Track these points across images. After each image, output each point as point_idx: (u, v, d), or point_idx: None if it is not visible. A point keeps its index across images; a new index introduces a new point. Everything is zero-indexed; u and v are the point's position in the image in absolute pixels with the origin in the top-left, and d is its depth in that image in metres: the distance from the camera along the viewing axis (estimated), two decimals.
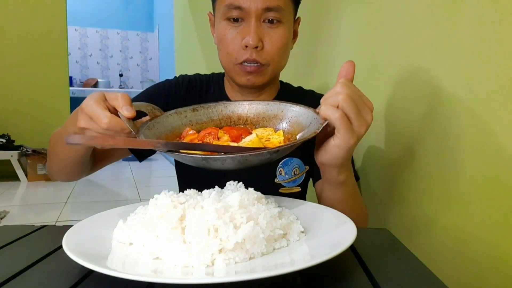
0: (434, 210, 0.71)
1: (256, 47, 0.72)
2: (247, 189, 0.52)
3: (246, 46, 0.72)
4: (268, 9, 0.71)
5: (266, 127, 0.67)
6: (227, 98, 0.86)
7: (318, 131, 0.54)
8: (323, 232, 0.49)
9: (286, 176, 0.83)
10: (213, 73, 0.92)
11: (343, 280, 0.42)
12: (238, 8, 0.71)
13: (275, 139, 0.59)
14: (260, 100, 0.71)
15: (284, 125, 0.65)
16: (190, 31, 3.67)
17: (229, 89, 0.86)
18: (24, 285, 0.41)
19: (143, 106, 0.62)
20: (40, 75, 3.70)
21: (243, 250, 0.42)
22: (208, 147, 0.53)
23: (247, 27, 0.72)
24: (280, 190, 0.83)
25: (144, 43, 6.65)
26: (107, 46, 6.47)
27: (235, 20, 0.73)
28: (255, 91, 0.82)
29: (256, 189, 0.53)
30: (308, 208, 0.59)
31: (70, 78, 4.72)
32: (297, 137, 0.61)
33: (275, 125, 0.66)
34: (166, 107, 0.66)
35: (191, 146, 0.53)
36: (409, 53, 0.79)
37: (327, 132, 0.57)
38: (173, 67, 4.67)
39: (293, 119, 0.65)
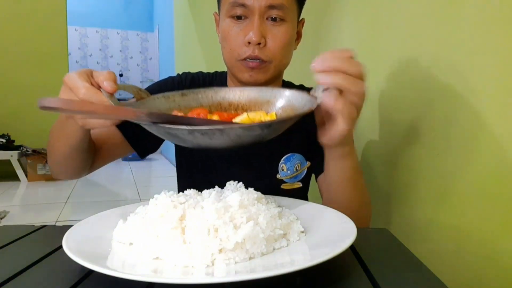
0: (434, 210, 0.71)
1: (259, 44, 0.73)
2: (247, 189, 0.52)
3: (249, 43, 0.73)
4: (271, 7, 0.72)
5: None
6: None
7: (313, 108, 0.53)
8: (323, 232, 0.49)
9: (288, 171, 0.83)
10: (216, 72, 0.92)
11: (343, 280, 0.42)
12: (242, 5, 0.72)
13: (263, 118, 0.57)
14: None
15: (277, 108, 0.63)
16: (190, 31, 3.67)
17: (231, 86, 0.87)
18: (24, 285, 0.41)
19: (129, 87, 0.59)
20: (40, 75, 3.70)
21: (243, 250, 0.42)
22: (195, 121, 0.51)
23: (250, 24, 0.73)
24: (282, 186, 0.84)
25: (144, 43, 6.66)
26: (107, 46, 6.47)
27: (239, 17, 0.74)
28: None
29: (258, 187, 0.53)
30: (308, 208, 0.59)
31: None
32: None
33: (268, 110, 0.64)
34: None
35: (177, 119, 0.50)
36: (410, 53, 0.79)
37: (326, 114, 0.56)
38: (173, 67, 4.67)
39: (286, 103, 0.62)
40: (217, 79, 0.90)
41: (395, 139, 0.85)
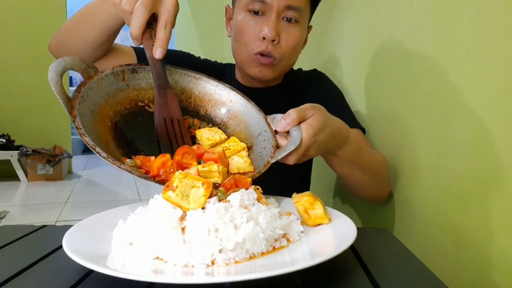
0: (434, 210, 0.71)
1: (273, 41, 0.75)
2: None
3: (264, 38, 0.75)
4: (289, 7, 0.75)
5: (208, 112, 0.65)
6: (237, 83, 0.89)
7: (272, 161, 0.56)
8: (323, 232, 0.49)
9: None
10: (227, 63, 0.96)
11: (343, 280, 0.42)
12: (262, 1, 0.74)
13: (236, 146, 0.59)
14: (216, 79, 0.69)
15: (231, 122, 0.64)
16: (190, 31, 3.67)
17: (239, 77, 0.91)
18: (24, 285, 0.41)
19: (76, 64, 0.56)
20: (40, 75, 3.67)
21: (243, 250, 0.42)
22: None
23: (267, 20, 0.75)
24: None
25: None
26: None
27: (256, 12, 0.76)
28: (263, 82, 0.86)
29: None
30: None
31: (70, 78, 4.72)
32: (257, 161, 0.59)
33: (221, 115, 0.65)
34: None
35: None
36: (409, 53, 0.79)
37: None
38: None
39: (242, 118, 0.63)
40: (227, 69, 0.93)
41: (395, 138, 0.85)
